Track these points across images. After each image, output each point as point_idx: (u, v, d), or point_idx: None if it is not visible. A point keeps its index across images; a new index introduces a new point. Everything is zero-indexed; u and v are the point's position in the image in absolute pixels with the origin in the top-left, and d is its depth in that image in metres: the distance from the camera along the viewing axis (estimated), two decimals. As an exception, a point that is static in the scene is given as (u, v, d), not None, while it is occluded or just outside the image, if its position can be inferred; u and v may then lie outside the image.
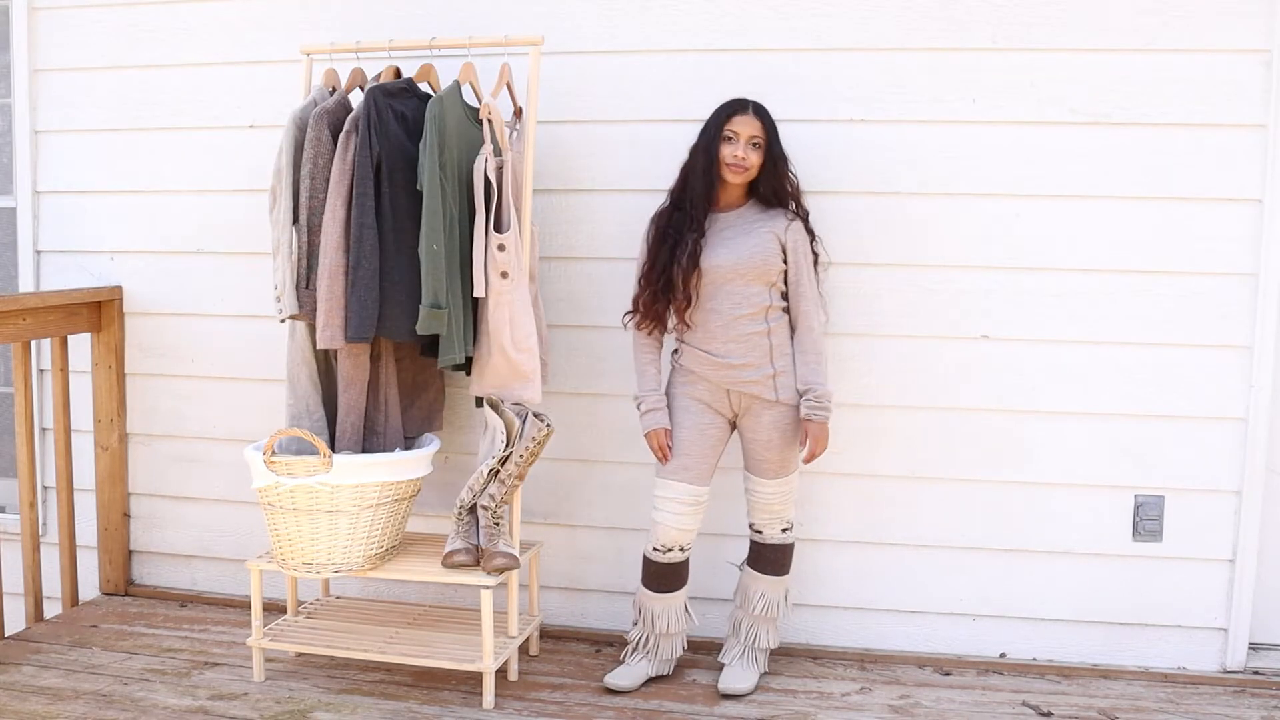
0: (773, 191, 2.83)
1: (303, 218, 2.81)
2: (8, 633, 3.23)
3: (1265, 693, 2.95)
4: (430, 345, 2.84)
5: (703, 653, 3.14)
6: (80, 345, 3.54)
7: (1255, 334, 2.96)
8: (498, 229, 2.78)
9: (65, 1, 3.48)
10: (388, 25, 3.23)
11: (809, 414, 2.79)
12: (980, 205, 3.03)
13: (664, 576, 2.89)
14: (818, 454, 2.81)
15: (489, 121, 2.80)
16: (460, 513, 2.89)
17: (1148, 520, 3.05)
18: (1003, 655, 3.16)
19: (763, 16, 3.07)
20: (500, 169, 2.77)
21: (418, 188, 2.73)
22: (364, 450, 2.95)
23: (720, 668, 2.98)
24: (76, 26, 3.49)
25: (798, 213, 2.85)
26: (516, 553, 2.85)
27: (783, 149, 2.81)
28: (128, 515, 3.63)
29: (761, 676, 2.98)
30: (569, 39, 3.15)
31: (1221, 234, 2.95)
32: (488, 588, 2.77)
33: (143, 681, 2.93)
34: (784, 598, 2.97)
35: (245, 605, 3.43)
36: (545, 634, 3.31)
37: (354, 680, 2.96)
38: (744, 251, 2.77)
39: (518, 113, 3.03)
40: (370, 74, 2.99)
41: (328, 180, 2.78)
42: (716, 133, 2.77)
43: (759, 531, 2.93)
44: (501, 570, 2.78)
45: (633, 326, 2.90)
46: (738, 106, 2.79)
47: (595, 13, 3.15)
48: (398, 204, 2.77)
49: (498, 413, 2.84)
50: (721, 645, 3.06)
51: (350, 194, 2.75)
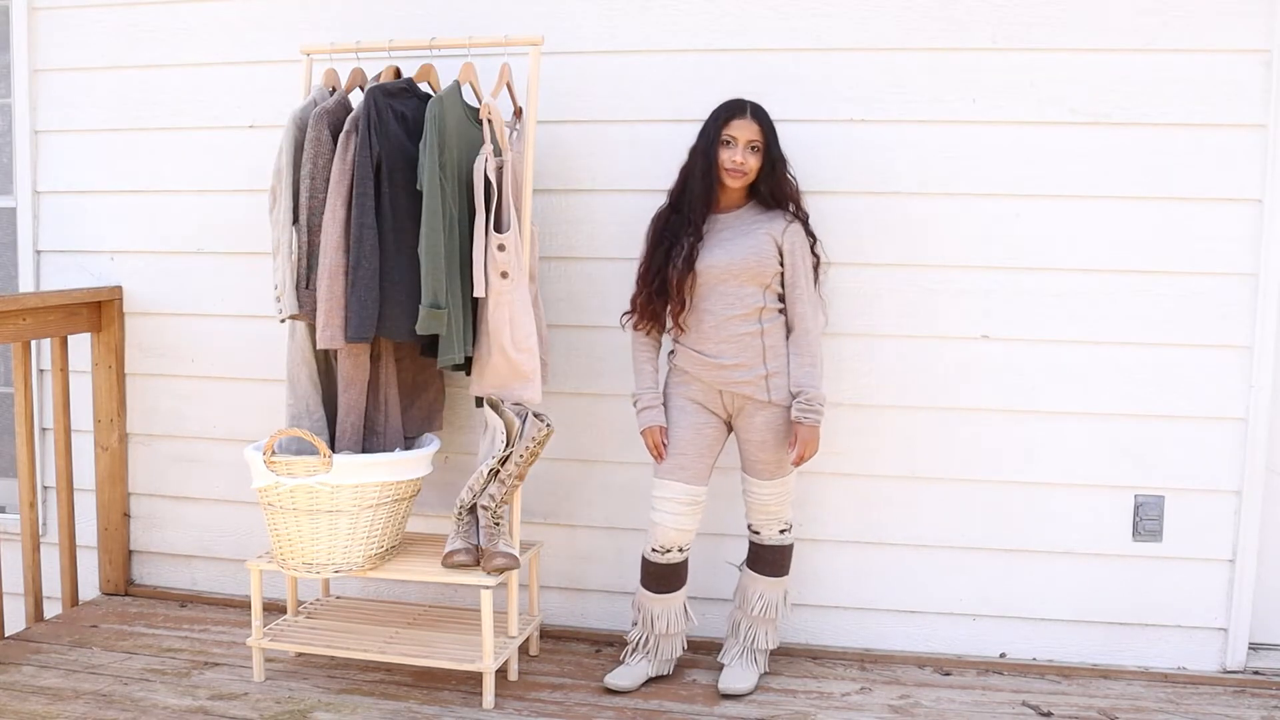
0: (772, 193, 2.82)
1: (303, 218, 2.81)
2: (8, 633, 3.23)
3: (1265, 693, 2.95)
4: (430, 345, 2.83)
5: (703, 653, 3.14)
6: (80, 345, 3.54)
7: (1255, 334, 2.96)
8: (498, 229, 2.78)
9: (65, 1, 3.48)
10: (388, 25, 3.23)
11: (799, 416, 2.78)
12: (980, 205, 3.03)
13: (663, 577, 2.89)
14: (806, 457, 2.80)
15: (489, 121, 2.80)
16: (460, 513, 2.89)
17: (1148, 520, 3.05)
18: (1003, 655, 3.16)
19: (763, 16, 3.07)
20: (500, 169, 2.77)
21: (418, 188, 2.73)
22: (364, 450, 2.95)
23: (720, 668, 2.98)
24: (76, 26, 3.49)
25: (797, 214, 2.84)
26: (516, 553, 2.85)
27: (781, 151, 2.81)
28: (128, 515, 3.63)
29: (761, 676, 2.98)
30: (569, 39, 3.15)
31: (1221, 234, 2.95)
32: (488, 588, 2.77)
33: (143, 681, 2.93)
34: (783, 598, 2.97)
35: (245, 605, 3.43)
36: (545, 634, 3.31)
37: (354, 680, 2.96)
38: (738, 252, 2.77)
39: (518, 113, 3.03)
40: (370, 74, 2.99)
41: (328, 180, 2.78)
42: (715, 136, 2.76)
43: (757, 533, 2.93)
44: (501, 570, 2.79)
45: (630, 326, 2.91)
46: (736, 109, 2.77)
47: (595, 13, 3.15)
48: (398, 204, 2.77)
49: (498, 413, 2.84)
50: (721, 645, 3.06)
51: (350, 194, 2.75)
